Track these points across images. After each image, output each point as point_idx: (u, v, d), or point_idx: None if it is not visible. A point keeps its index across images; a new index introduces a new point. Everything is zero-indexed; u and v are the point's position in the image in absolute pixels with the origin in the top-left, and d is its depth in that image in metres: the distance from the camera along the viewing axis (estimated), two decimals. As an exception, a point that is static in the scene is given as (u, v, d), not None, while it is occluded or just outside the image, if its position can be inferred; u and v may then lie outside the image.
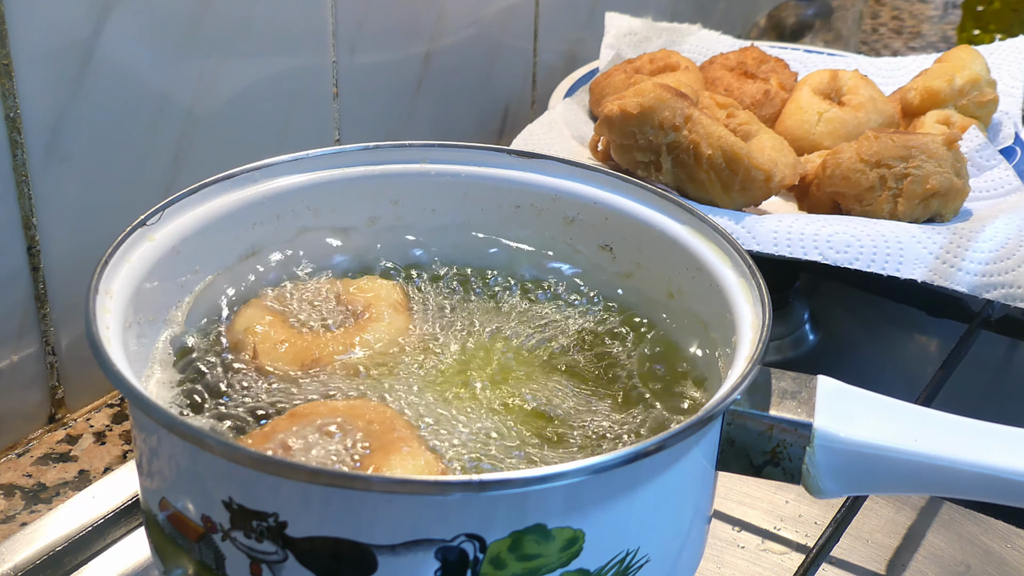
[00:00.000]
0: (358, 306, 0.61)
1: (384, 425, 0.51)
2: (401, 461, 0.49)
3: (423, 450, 0.50)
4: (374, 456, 0.49)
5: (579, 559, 0.46)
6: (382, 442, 0.50)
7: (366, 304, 0.61)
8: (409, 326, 0.61)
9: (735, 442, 0.51)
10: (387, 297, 0.62)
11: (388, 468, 0.48)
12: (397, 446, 0.50)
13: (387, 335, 0.59)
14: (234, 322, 0.60)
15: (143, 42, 0.75)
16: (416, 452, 0.50)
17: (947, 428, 0.51)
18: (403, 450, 0.50)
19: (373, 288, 0.63)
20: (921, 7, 1.77)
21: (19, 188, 0.71)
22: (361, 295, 0.62)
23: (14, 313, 0.73)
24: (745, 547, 0.69)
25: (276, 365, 0.57)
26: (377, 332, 0.59)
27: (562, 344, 0.61)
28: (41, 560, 0.64)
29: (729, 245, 0.58)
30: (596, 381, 0.58)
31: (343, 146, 0.64)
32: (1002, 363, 0.99)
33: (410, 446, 0.50)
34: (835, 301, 1.04)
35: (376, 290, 0.62)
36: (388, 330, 0.59)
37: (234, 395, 0.55)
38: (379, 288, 0.63)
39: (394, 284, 0.64)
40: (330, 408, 0.52)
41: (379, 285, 0.63)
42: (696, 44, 1.18)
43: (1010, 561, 0.69)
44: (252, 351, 0.58)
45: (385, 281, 0.64)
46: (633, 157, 0.86)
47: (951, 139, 0.86)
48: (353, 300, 0.62)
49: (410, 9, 0.97)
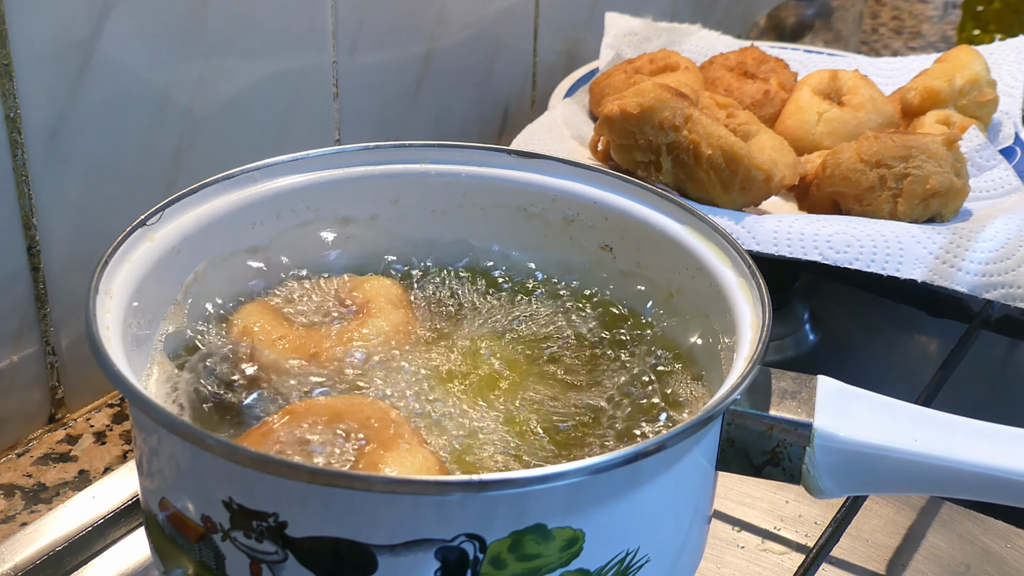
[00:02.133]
0: (357, 303, 0.61)
1: (381, 422, 0.51)
2: (399, 457, 0.49)
3: (421, 446, 0.50)
4: (372, 453, 0.49)
5: (579, 559, 0.46)
6: (380, 439, 0.50)
7: (365, 301, 0.61)
8: (408, 322, 0.61)
9: (735, 442, 0.51)
10: (386, 294, 0.62)
11: (386, 465, 0.48)
12: (395, 442, 0.50)
13: (385, 331, 0.59)
14: (234, 320, 0.60)
15: (143, 42, 0.75)
16: (414, 448, 0.50)
17: (947, 428, 0.51)
18: (401, 447, 0.50)
19: (372, 285, 0.63)
20: (921, 7, 1.77)
21: (19, 188, 0.71)
22: (360, 292, 0.62)
23: (14, 313, 0.73)
24: (745, 547, 0.69)
25: (274, 362, 0.57)
26: (375, 328, 0.59)
27: (561, 344, 0.61)
28: (41, 560, 0.64)
29: (729, 245, 0.58)
30: (595, 381, 0.58)
31: (343, 146, 0.64)
32: (1002, 363, 0.99)
33: (408, 443, 0.50)
34: (835, 301, 1.04)
35: (375, 287, 0.62)
36: (386, 326, 0.59)
37: (234, 393, 0.55)
38: (378, 285, 0.63)
39: (393, 281, 0.64)
40: (326, 405, 0.52)
41: (378, 282, 0.63)
42: (696, 44, 1.18)
43: (1010, 561, 0.69)
44: (250, 348, 0.58)
45: (384, 279, 0.64)
46: (633, 157, 0.86)
47: (951, 139, 0.86)
48: (352, 297, 0.62)
49: (410, 9, 0.97)
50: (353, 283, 0.63)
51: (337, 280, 0.63)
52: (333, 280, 0.63)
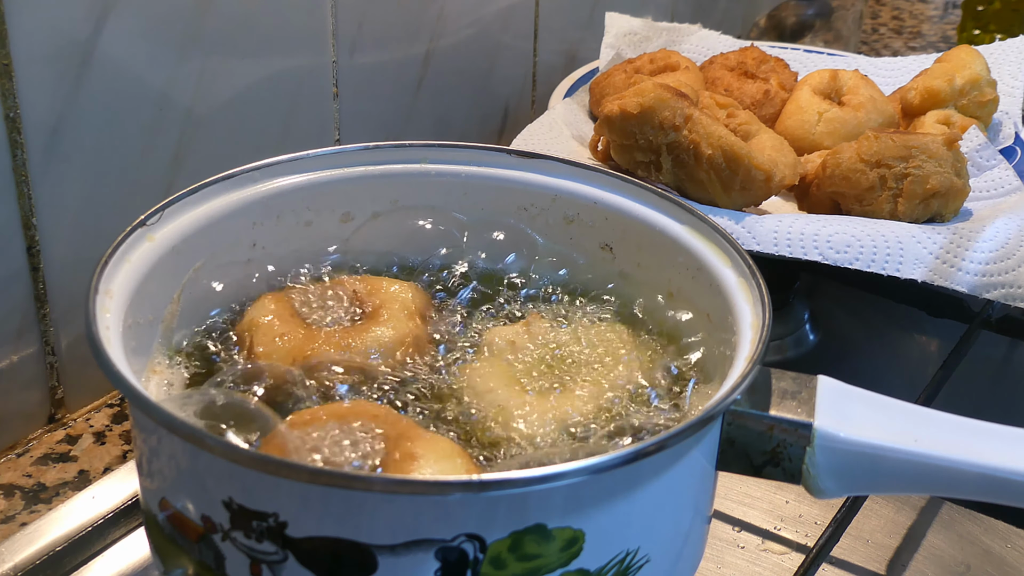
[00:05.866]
0: (372, 306, 0.60)
1: (390, 416, 0.50)
2: (429, 443, 0.49)
3: (440, 436, 0.50)
4: (400, 441, 0.48)
5: (579, 559, 0.46)
6: (398, 430, 0.49)
7: (379, 305, 0.60)
8: (415, 334, 0.59)
9: (735, 442, 0.51)
10: (402, 300, 0.60)
11: (418, 449, 0.48)
12: (415, 431, 0.50)
13: (386, 341, 0.58)
14: (243, 317, 0.60)
15: (143, 42, 0.75)
16: (435, 436, 0.50)
17: (947, 428, 0.51)
18: (423, 434, 0.50)
19: (390, 290, 0.61)
20: (921, 7, 1.77)
21: (19, 188, 0.71)
22: (377, 296, 0.61)
23: (14, 313, 0.73)
24: (745, 547, 0.69)
25: (269, 359, 0.57)
26: (376, 336, 0.58)
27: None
28: (41, 560, 0.64)
29: (729, 245, 0.58)
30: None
31: (343, 146, 0.64)
32: (1002, 363, 0.99)
33: (427, 433, 0.50)
34: (835, 301, 1.04)
35: (393, 293, 0.61)
36: (388, 335, 0.58)
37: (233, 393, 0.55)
38: (397, 291, 0.61)
39: (416, 289, 0.62)
40: (331, 410, 0.51)
41: (399, 288, 0.61)
42: (696, 44, 1.18)
43: (1010, 561, 0.69)
44: (248, 345, 0.57)
45: (407, 284, 0.62)
46: (633, 157, 0.86)
47: (951, 139, 0.86)
48: (370, 299, 0.61)
49: (410, 9, 0.97)
50: (373, 285, 0.62)
51: (357, 280, 0.62)
52: (352, 279, 0.63)
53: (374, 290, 0.61)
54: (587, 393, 0.56)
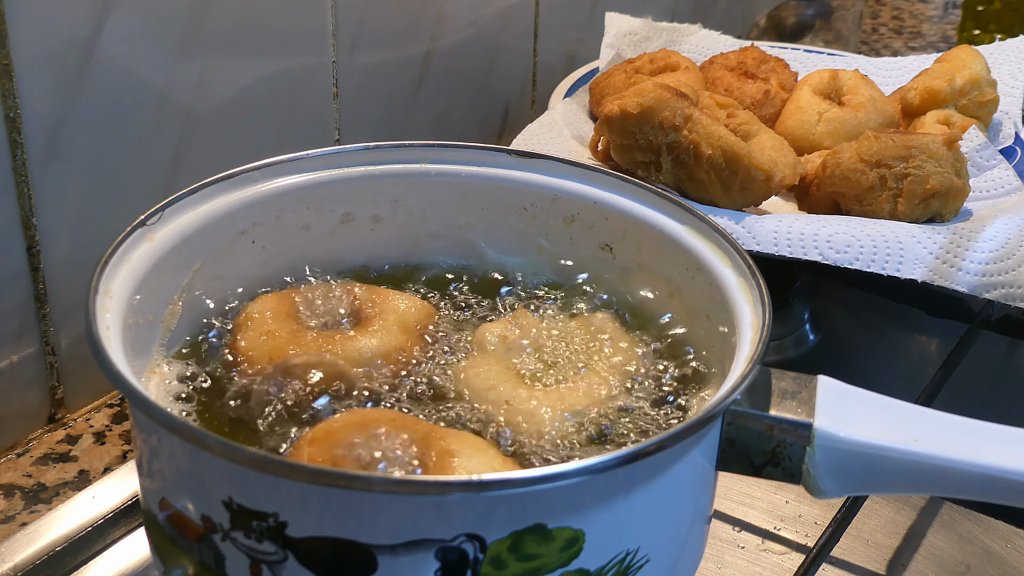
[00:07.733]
0: (365, 315, 0.60)
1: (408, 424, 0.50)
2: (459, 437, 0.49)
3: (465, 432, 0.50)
4: (432, 440, 0.48)
5: (579, 559, 0.46)
6: (421, 429, 0.49)
7: (374, 315, 0.60)
8: (403, 350, 0.58)
9: (735, 442, 0.51)
10: (399, 314, 0.60)
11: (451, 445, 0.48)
12: (441, 430, 0.50)
13: (367, 354, 0.57)
14: (239, 313, 0.60)
15: (143, 42, 0.75)
16: (463, 432, 0.50)
17: (947, 428, 0.51)
18: (448, 431, 0.50)
19: (388, 300, 0.61)
20: (921, 7, 1.77)
21: (19, 188, 0.71)
22: (376, 305, 0.60)
23: (14, 313, 0.73)
24: (745, 547, 0.69)
25: (247, 354, 0.56)
26: (362, 344, 0.57)
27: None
28: (41, 560, 0.64)
29: (729, 245, 0.58)
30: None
31: (343, 146, 0.64)
32: (1002, 363, 0.99)
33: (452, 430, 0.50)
34: (835, 301, 1.04)
35: (390, 304, 0.60)
36: (372, 348, 0.57)
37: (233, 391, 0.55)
38: (395, 303, 0.60)
39: (421, 303, 0.61)
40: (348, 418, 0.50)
41: (400, 300, 0.61)
42: (696, 44, 1.18)
43: (1010, 561, 0.69)
44: (233, 343, 0.57)
45: (411, 298, 0.62)
46: (633, 157, 0.86)
47: (951, 139, 0.86)
48: (365, 308, 0.60)
49: (410, 9, 0.97)
50: (377, 295, 0.61)
51: (362, 288, 0.62)
52: (358, 287, 0.62)
53: (376, 300, 0.61)
54: (588, 384, 0.56)
